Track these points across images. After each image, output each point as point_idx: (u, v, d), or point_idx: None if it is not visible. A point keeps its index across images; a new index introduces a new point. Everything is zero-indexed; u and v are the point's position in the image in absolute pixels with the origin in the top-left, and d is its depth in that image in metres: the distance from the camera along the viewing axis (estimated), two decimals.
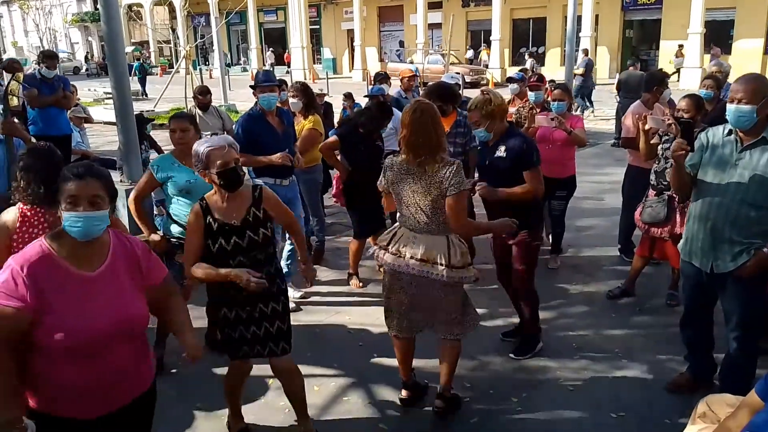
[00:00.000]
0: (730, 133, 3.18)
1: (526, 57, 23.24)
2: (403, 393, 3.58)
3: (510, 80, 7.73)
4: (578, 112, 13.15)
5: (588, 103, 15.33)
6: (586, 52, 18.19)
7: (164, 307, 2.38)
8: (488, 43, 29.53)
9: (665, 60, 24.16)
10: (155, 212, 5.50)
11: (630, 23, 28.09)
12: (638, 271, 5.02)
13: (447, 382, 3.47)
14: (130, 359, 2.17)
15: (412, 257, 3.21)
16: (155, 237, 3.83)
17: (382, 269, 3.78)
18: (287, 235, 5.08)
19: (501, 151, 3.81)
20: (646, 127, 4.53)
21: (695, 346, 3.69)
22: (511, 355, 4.11)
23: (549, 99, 6.06)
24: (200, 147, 2.88)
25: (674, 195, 4.43)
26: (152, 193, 4.30)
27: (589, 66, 15.49)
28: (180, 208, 3.82)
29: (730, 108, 3.07)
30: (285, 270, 5.03)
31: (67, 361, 2.02)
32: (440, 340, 3.45)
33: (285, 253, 4.96)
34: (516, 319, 4.38)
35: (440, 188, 3.11)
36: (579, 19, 20.70)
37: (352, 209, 5.35)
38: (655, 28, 26.67)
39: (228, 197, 2.91)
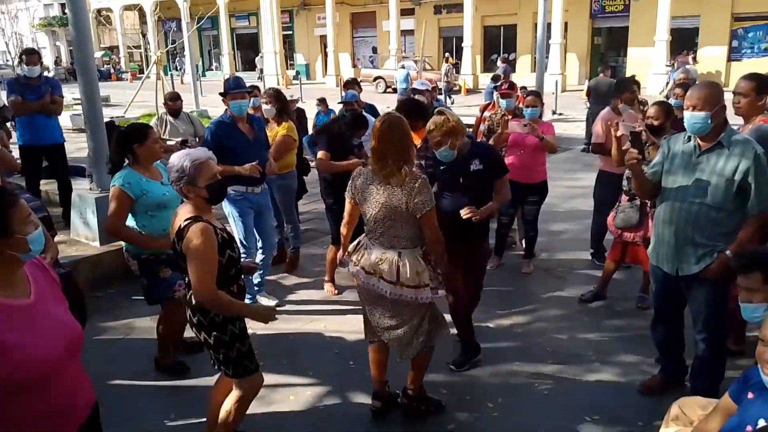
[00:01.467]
0: (689, 139, 3.29)
1: (499, 62, 23.50)
2: (375, 403, 3.56)
3: (496, 78, 7.73)
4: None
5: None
6: (504, 60, 20.33)
7: None
8: (451, 52, 29.73)
9: (633, 66, 24.60)
10: None
11: (598, 30, 28.59)
12: (610, 275, 5.09)
13: (410, 383, 3.51)
14: (78, 375, 2.08)
15: (382, 277, 3.19)
16: (161, 241, 3.62)
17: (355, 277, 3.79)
18: (259, 246, 5.05)
19: (476, 164, 3.75)
20: (618, 133, 4.60)
21: (666, 349, 3.76)
22: (451, 367, 4.06)
23: (521, 105, 6.13)
24: (184, 160, 2.71)
25: (646, 200, 4.52)
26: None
27: (507, 72, 17.63)
28: (157, 225, 3.70)
29: (686, 115, 3.19)
30: (258, 280, 5.01)
31: (28, 394, 1.86)
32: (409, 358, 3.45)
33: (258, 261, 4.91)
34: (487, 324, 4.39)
35: (401, 202, 3.08)
36: (549, 26, 20.99)
37: (329, 214, 5.33)
38: (622, 36, 27.18)
39: (209, 211, 2.84)
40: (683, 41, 24.08)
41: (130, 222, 3.75)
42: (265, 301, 5.00)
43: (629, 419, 3.50)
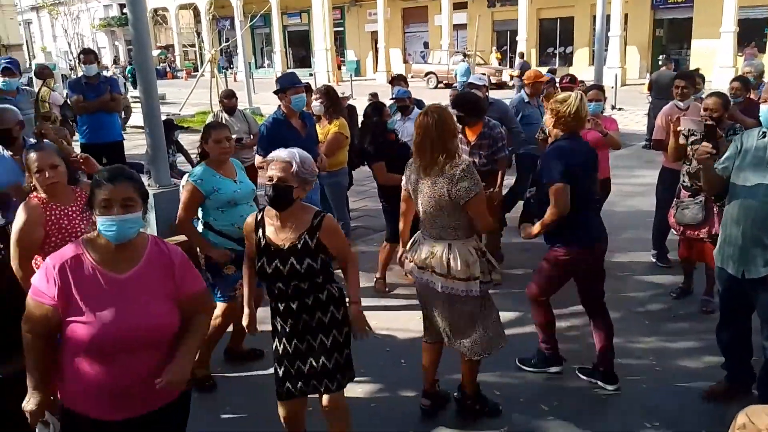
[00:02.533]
0: (764, 135, 3.11)
1: (516, 59, 22.92)
2: (424, 401, 3.53)
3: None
4: None
5: None
6: (521, 55, 19.97)
7: (186, 322, 2.27)
8: (498, 47, 29.32)
9: (697, 59, 23.68)
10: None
11: (660, 22, 27.62)
12: (691, 269, 4.95)
13: (464, 385, 3.47)
14: (153, 366, 2.12)
15: (433, 271, 3.17)
16: (217, 252, 3.68)
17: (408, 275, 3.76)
18: None
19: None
20: (679, 128, 4.42)
21: (732, 354, 3.58)
22: (520, 365, 4.00)
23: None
24: (275, 153, 2.76)
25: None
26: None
27: (525, 68, 16.94)
28: (225, 220, 3.74)
29: (764, 109, 3.00)
30: None
31: (89, 360, 2.06)
32: (462, 356, 3.39)
33: None
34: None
35: (443, 191, 3.06)
36: (608, 18, 20.40)
37: (386, 211, 5.31)
38: (686, 27, 26.17)
39: (281, 216, 2.73)
40: (751, 32, 22.98)
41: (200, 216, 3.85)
42: None
43: (691, 427, 3.36)
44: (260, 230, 2.77)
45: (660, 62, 12.84)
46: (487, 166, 5.03)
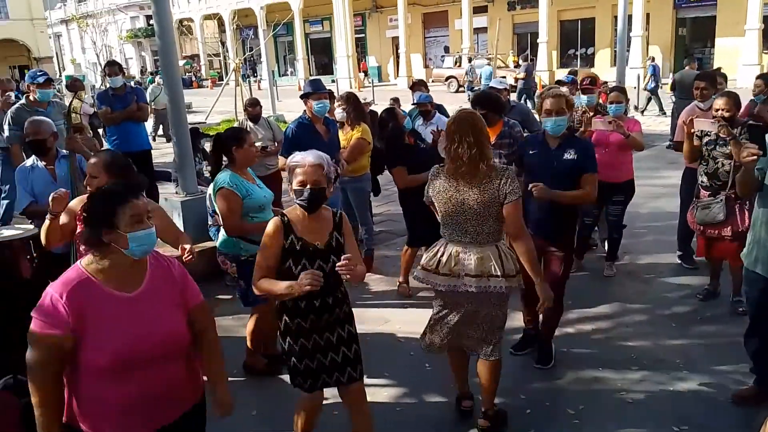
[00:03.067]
0: None
1: (520, 60, 23.13)
2: (466, 403, 3.53)
3: (559, 83, 7.59)
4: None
5: (532, 104, 15.61)
6: (526, 57, 21.02)
7: (198, 342, 2.29)
8: (525, 49, 29.24)
9: (721, 58, 23.32)
10: (210, 222, 5.61)
11: (683, 21, 27.25)
12: (718, 270, 4.89)
13: (489, 402, 3.40)
14: (173, 379, 2.17)
15: (467, 274, 3.13)
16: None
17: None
18: None
19: (570, 154, 3.79)
20: (693, 129, 4.39)
21: (761, 358, 3.52)
22: (538, 366, 4.04)
23: (602, 102, 5.94)
24: (289, 162, 2.81)
25: (731, 195, 4.28)
26: (207, 203, 4.37)
27: (529, 70, 18.60)
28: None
29: None
30: None
31: (112, 382, 2.02)
32: (479, 360, 3.37)
33: None
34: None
35: (494, 196, 3.06)
36: (629, 18, 20.19)
37: (406, 215, 5.35)
38: (709, 26, 25.79)
39: (310, 218, 2.79)
40: None
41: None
42: None
43: (720, 431, 3.32)
44: (291, 235, 2.77)
45: (684, 62, 12.69)
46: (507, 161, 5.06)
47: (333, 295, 2.87)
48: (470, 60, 24.54)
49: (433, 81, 28.59)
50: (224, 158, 3.91)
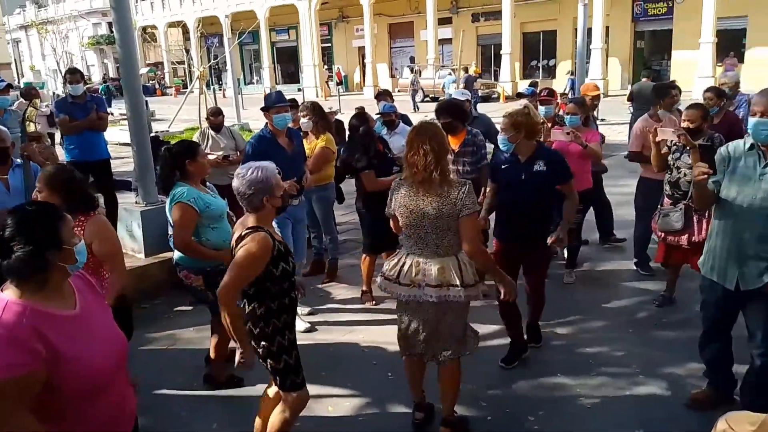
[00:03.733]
0: (752, 147, 3.14)
1: (462, 72, 24.54)
2: (417, 414, 3.54)
3: (519, 95, 7.72)
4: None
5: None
6: (466, 69, 21.50)
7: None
8: (489, 60, 29.83)
9: (678, 70, 24.06)
10: (170, 232, 5.53)
11: (641, 34, 28.05)
12: (675, 276, 5.02)
13: (449, 408, 3.42)
14: (125, 386, 2.14)
15: (428, 284, 3.16)
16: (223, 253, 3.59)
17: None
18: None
19: (540, 166, 3.92)
20: (657, 139, 4.52)
21: (715, 363, 3.62)
22: (501, 364, 4.16)
23: (560, 113, 6.06)
24: (265, 172, 2.81)
25: (691, 204, 4.42)
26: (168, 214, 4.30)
27: (470, 81, 19.23)
28: (218, 236, 3.76)
29: (752, 121, 3.05)
30: None
31: (88, 400, 1.94)
32: (441, 365, 3.38)
33: None
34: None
35: (451, 209, 3.09)
36: (589, 31, 20.72)
37: (363, 223, 5.36)
38: (666, 39, 26.60)
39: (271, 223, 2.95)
40: (730, 43, 23.39)
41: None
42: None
43: None
44: (275, 242, 2.83)
45: (641, 74, 13.07)
46: (471, 174, 5.13)
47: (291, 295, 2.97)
48: (419, 72, 25.43)
49: (399, 91, 28.79)
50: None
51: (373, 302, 5.31)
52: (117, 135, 14.38)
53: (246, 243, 2.73)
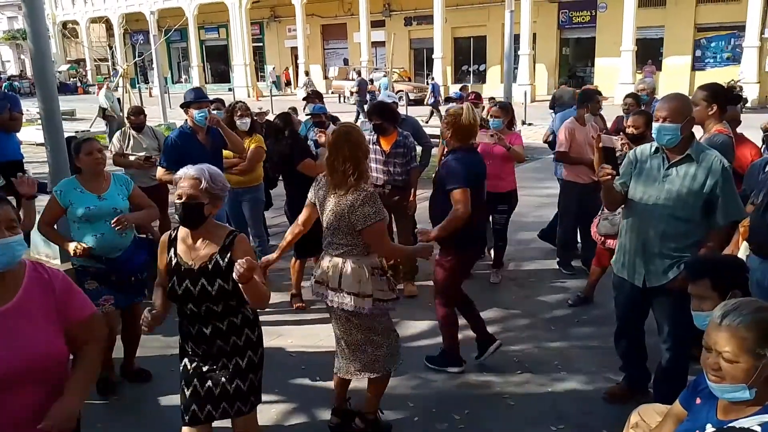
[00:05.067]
0: (657, 150, 3.30)
1: (353, 74, 25.79)
2: (332, 419, 3.52)
3: (449, 99, 7.84)
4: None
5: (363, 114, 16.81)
6: (359, 72, 23.29)
7: (76, 351, 2.10)
8: (422, 64, 30.32)
9: (601, 76, 25.08)
10: None
11: (566, 41, 29.10)
12: (597, 279, 5.17)
13: (367, 407, 3.45)
14: (37, 405, 1.96)
15: (330, 287, 3.19)
16: (72, 246, 3.66)
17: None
18: None
19: (442, 169, 3.99)
20: (600, 145, 4.68)
21: (629, 357, 3.78)
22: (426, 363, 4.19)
23: (487, 116, 6.18)
24: (216, 175, 2.68)
25: None
26: None
27: (363, 85, 20.24)
28: (80, 236, 3.71)
29: (656, 126, 3.20)
30: None
31: None
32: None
33: None
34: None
35: (343, 211, 3.09)
36: (517, 37, 21.31)
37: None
38: (590, 46, 27.70)
39: (193, 235, 2.67)
40: (649, 51, 24.62)
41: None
42: None
43: (594, 427, 3.51)
44: (172, 249, 2.69)
45: (559, 82, 13.60)
46: (401, 176, 5.17)
47: (225, 323, 2.70)
48: (359, 74, 25.47)
49: (332, 92, 28.73)
50: None
51: (302, 305, 5.24)
52: (33, 135, 13.65)
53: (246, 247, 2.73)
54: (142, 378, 4.08)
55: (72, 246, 3.66)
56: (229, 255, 2.62)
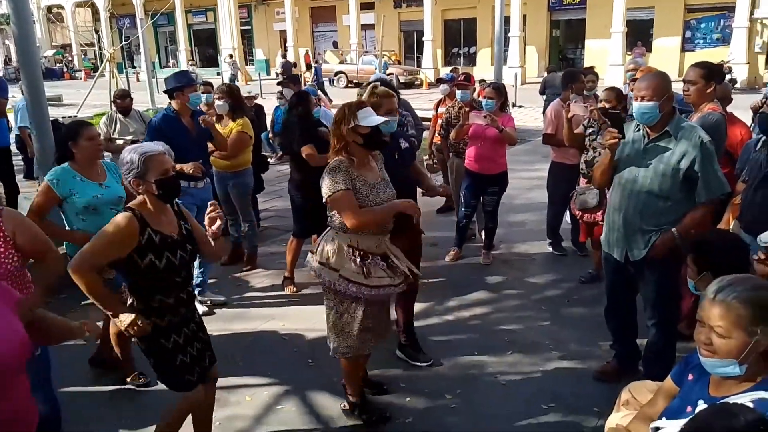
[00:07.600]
0: (638, 128, 3.34)
1: (279, 58, 26.14)
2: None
3: (440, 81, 7.79)
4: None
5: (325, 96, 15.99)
6: (284, 55, 23.83)
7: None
8: (412, 47, 30.10)
9: (591, 58, 25.00)
10: None
11: (557, 23, 28.95)
12: (599, 253, 5.15)
13: (348, 387, 3.50)
14: (14, 392, 1.89)
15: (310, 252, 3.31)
16: (81, 236, 3.44)
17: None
18: None
19: (404, 143, 3.89)
20: (569, 114, 4.70)
21: (620, 335, 3.81)
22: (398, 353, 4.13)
23: (480, 98, 6.16)
24: (133, 154, 2.61)
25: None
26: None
27: (287, 67, 20.95)
28: (85, 228, 3.51)
29: (635, 105, 3.23)
30: (199, 280, 4.82)
31: None
32: None
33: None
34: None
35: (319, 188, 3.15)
36: (507, 19, 21.18)
37: (295, 207, 5.25)
38: (580, 28, 27.58)
39: (165, 209, 2.72)
40: (639, 32, 24.56)
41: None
42: (211, 299, 4.99)
43: (585, 406, 3.54)
44: (147, 229, 2.61)
45: (547, 67, 13.56)
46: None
47: (187, 291, 2.84)
48: (317, 62, 25.25)
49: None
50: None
51: (294, 289, 5.23)
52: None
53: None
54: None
55: (81, 238, 3.31)
56: (185, 219, 2.84)
